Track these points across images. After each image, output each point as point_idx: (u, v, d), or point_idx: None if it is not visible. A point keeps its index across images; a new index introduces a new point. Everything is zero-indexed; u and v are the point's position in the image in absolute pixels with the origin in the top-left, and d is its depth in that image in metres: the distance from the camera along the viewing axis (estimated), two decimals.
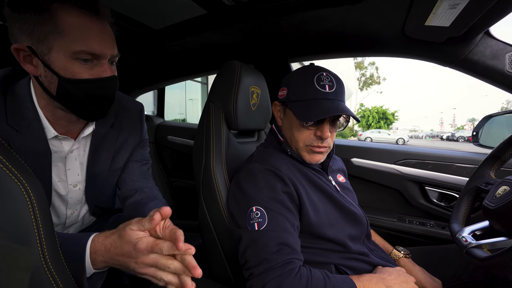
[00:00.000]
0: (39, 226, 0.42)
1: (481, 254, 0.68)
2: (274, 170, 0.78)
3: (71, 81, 0.66)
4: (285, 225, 0.71)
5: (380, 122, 36.27)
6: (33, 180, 0.43)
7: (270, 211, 0.72)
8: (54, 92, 0.68)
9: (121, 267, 0.55)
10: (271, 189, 0.75)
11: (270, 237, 0.69)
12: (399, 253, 0.94)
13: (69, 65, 0.65)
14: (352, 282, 0.68)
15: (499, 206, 0.70)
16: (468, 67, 1.01)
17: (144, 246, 0.51)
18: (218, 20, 1.09)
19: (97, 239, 0.55)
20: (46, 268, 0.43)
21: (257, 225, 0.71)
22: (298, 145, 0.83)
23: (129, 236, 0.52)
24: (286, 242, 0.69)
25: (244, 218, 0.74)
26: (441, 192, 1.34)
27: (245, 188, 0.78)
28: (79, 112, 0.73)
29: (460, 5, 0.75)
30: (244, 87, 0.97)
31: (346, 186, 0.96)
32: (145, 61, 1.63)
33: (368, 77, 42.43)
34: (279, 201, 0.74)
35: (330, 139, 0.82)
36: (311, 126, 0.81)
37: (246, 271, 0.70)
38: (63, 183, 0.83)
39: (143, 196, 0.93)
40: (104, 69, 0.69)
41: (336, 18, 1.02)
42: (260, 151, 0.90)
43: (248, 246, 0.70)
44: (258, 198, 0.74)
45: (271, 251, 0.67)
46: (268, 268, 0.65)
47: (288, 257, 0.67)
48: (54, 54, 0.64)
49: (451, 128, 59.80)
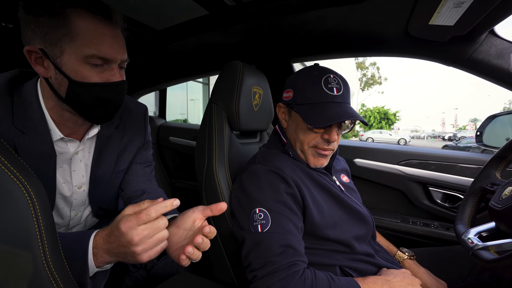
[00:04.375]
0: (41, 228, 0.42)
1: (488, 256, 0.67)
2: (277, 171, 0.77)
3: (81, 84, 0.67)
4: (289, 227, 0.71)
5: (382, 122, 36.19)
6: (35, 182, 0.43)
7: (274, 212, 0.71)
8: (63, 94, 0.69)
9: (122, 256, 0.56)
10: (274, 190, 0.75)
11: (273, 239, 0.68)
12: (404, 255, 0.93)
13: (80, 68, 0.66)
14: (357, 284, 0.67)
15: (506, 207, 0.69)
16: (473, 66, 1.00)
17: (130, 210, 0.55)
18: (220, 20, 1.09)
19: (97, 233, 0.58)
20: (47, 270, 0.43)
21: (260, 227, 0.70)
22: (304, 147, 0.83)
23: (121, 216, 0.56)
24: (290, 244, 0.68)
25: (248, 220, 0.74)
26: (445, 192, 1.33)
27: (248, 190, 0.77)
28: (86, 114, 0.73)
29: (465, 4, 0.74)
30: (246, 88, 0.97)
31: (350, 186, 0.95)
32: (147, 62, 1.63)
33: (369, 77, 42.35)
34: (282, 203, 0.73)
35: (336, 142, 0.81)
36: (318, 130, 0.80)
37: (249, 273, 0.69)
38: (68, 185, 0.83)
39: (149, 197, 0.93)
40: (114, 74, 0.70)
41: (340, 17, 1.01)
42: (263, 152, 0.89)
43: (252, 249, 0.70)
44: (261, 200, 0.74)
45: (275, 253, 0.67)
46: (272, 270, 0.65)
47: (292, 259, 0.66)
48: (66, 57, 0.65)
49: (453, 129, 59.62)
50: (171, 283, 0.87)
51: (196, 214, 0.62)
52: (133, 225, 0.53)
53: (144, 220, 0.53)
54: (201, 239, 0.58)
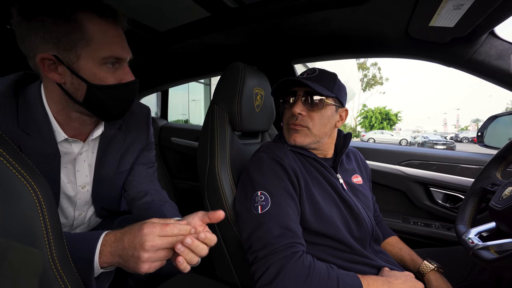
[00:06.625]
0: (47, 227, 0.43)
1: (488, 256, 0.67)
2: (277, 159, 0.82)
3: (99, 87, 0.69)
4: (288, 210, 0.74)
5: (383, 123, 36.09)
6: (41, 181, 0.44)
7: (274, 196, 0.75)
8: (81, 98, 0.70)
9: (125, 258, 0.55)
10: (275, 176, 0.79)
11: (273, 221, 0.72)
12: (431, 265, 0.84)
13: (97, 71, 0.68)
14: (356, 276, 0.68)
15: (506, 207, 0.69)
16: (473, 67, 1.01)
17: (156, 219, 0.57)
18: (222, 22, 1.10)
19: (109, 232, 0.58)
20: (54, 269, 0.43)
21: (260, 208, 0.74)
22: (283, 127, 0.91)
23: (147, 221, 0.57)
24: (288, 227, 0.71)
25: (250, 202, 0.78)
26: (446, 193, 1.33)
27: (252, 175, 0.82)
28: (102, 115, 0.76)
29: (464, 6, 0.75)
30: (248, 89, 0.98)
31: (358, 188, 0.93)
32: (150, 63, 1.64)
33: (370, 78, 42.33)
34: (283, 188, 0.77)
35: (307, 118, 0.85)
36: (289, 106, 0.88)
37: (250, 255, 0.72)
38: (72, 185, 0.84)
39: (153, 198, 0.94)
40: (126, 72, 0.73)
41: (341, 19, 1.02)
42: (267, 143, 0.93)
43: (253, 231, 0.73)
44: (263, 183, 0.78)
45: (274, 234, 0.70)
46: (272, 251, 0.68)
47: (290, 240, 0.69)
48: (82, 62, 0.66)
49: (454, 129, 59.40)
50: (173, 282, 0.88)
51: (195, 221, 0.62)
52: (156, 231, 0.54)
53: (167, 232, 0.55)
54: (181, 247, 0.55)
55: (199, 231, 0.60)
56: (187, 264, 0.56)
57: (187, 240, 0.55)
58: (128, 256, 0.54)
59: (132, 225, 0.57)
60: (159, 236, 0.54)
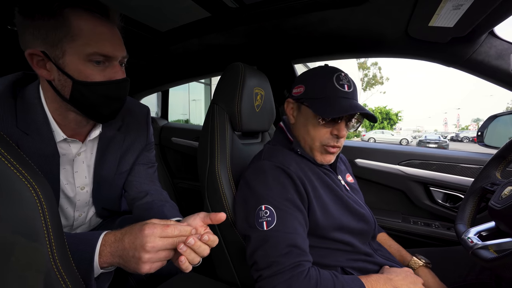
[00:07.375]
0: (48, 227, 0.43)
1: (488, 255, 0.68)
2: (282, 167, 0.77)
3: (85, 83, 0.67)
4: (294, 225, 0.71)
5: (384, 122, 36.09)
6: (42, 181, 0.44)
7: (279, 210, 0.71)
8: (67, 95, 0.69)
9: (125, 259, 0.55)
10: (280, 186, 0.74)
11: (279, 238, 0.68)
12: (419, 261, 0.87)
13: (82, 67, 0.66)
14: (361, 282, 0.68)
15: (506, 207, 0.69)
16: (473, 67, 1.01)
17: (157, 220, 0.57)
18: (222, 22, 1.10)
19: (109, 232, 0.58)
20: (55, 269, 0.43)
21: (266, 224, 0.70)
22: (314, 144, 0.82)
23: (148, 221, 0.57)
24: (295, 244, 0.68)
25: (253, 217, 0.73)
26: (446, 192, 1.33)
27: (254, 186, 0.77)
28: (91, 114, 0.74)
29: (464, 6, 0.75)
30: (248, 89, 0.98)
31: (354, 187, 0.96)
32: (150, 63, 1.64)
33: (371, 78, 42.29)
34: (288, 200, 0.73)
35: (343, 138, 0.81)
36: (328, 124, 0.79)
37: (255, 272, 0.69)
38: (71, 186, 0.84)
39: (154, 198, 0.93)
40: (116, 71, 0.71)
41: (341, 19, 1.02)
42: (269, 149, 0.88)
43: (257, 247, 0.70)
44: (267, 196, 0.73)
45: (280, 253, 0.67)
46: (277, 271, 0.65)
47: (297, 259, 0.66)
48: (68, 58, 0.65)
49: (455, 129, 59.33)
50: (174, 282, 0.88)
51: (197, 222, 0.62)
52: (157, 232, 0.54)
53: (168, 233, 0.54)
54: (183, 247, 0.56)
55: (200, 231, 0.60)
56: (189, 264, 0.56)
57: (190, 240, 0.55)
58: (129, 256, 0.54)
59: (132, 226, 0.57)
60: (160, 237, 0.54)
